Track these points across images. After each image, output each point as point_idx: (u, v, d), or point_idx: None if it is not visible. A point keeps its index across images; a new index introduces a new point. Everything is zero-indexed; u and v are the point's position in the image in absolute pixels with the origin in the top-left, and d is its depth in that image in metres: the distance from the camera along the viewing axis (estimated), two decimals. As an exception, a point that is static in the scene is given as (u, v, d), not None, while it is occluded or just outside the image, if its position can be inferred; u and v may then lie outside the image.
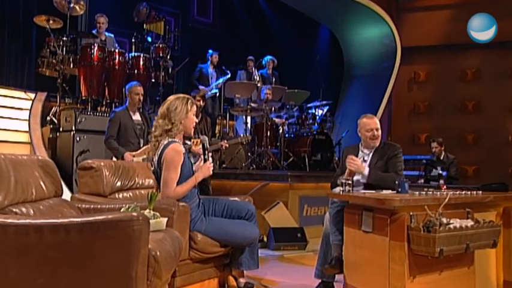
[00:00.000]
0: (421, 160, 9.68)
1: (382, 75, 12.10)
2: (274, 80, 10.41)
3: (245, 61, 10.39)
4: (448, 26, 11.95)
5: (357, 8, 11.34)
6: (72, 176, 7.10)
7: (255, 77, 10.17)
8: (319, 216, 7.55)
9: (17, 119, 8.15)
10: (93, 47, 8.19)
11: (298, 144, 8.64)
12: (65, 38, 8.25)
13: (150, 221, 2.68)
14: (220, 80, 9.84)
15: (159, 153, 3.97)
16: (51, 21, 8.14)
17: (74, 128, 7.37)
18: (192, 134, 4.46)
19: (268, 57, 10.54)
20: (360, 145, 4.56)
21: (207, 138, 4.54)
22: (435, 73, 12.40)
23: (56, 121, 7.87)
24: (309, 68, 11.38)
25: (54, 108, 8.15)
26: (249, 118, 8.96)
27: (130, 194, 4.61)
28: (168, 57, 9.17)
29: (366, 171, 4.25)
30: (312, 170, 8.33)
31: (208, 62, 10.12)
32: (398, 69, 12.27)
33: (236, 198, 4.65)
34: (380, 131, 4.49)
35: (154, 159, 4.06)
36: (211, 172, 4.21)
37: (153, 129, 4.11)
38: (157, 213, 3.28)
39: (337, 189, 4.06)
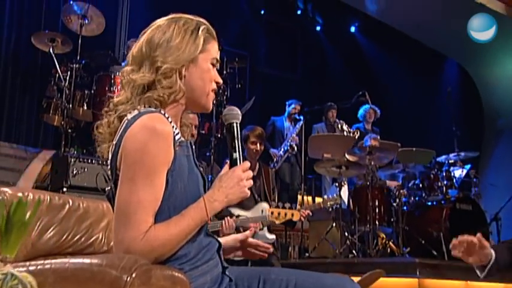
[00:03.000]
0: None
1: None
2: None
3: (324, 111, 7.65)
4: None
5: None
6: None
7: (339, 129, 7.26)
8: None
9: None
10: (113, 76, 5.85)
11: (426, 218, 5.69)
12: (74, 65, 5.80)
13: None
14: (296, 130, 7.23)
15: (114, 143, 1.63)
16: (56, 42, 5.78)
17: (64, 184, 4.83)
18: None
19: (367, 107, 7.63)
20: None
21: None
22: None
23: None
24: (430, 119, 8.42)
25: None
26: (344, 190, 6.00)
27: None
28: (225, 98, 6.55)
29: None
30: (452, 258, 5.11)
31: (285, 115, 7.67)
32: None
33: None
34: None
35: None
36: (247, 192, 1.66)
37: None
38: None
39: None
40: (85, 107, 5.97)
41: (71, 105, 5.71)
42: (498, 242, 5.91)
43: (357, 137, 6.89)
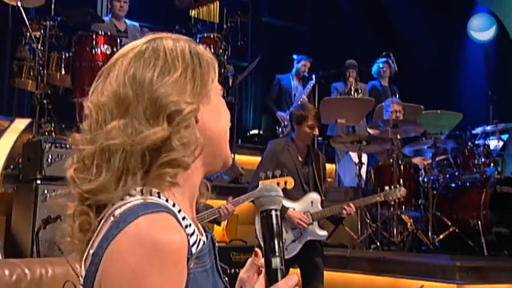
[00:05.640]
0: None
1: None
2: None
3: (342, 68, 6.93)
4: None
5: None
6: None
7: (352, 91, 6.63)
8: None
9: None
10: (96, 37, 5.17)
11: (461, 202, 5.05)
12: (47, 23, 5.10)
13: None
14: (307, 90, 6.62)
15: (92, 252, 0.98)
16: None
17: (38, 175, 4.22)
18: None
19: (381, 60, 6.91)
20: None
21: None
22: None
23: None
24: (457, 75, 7.82)
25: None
26: (364, 157, 5.30)
27: None
28: (226, 58, 5.86)
29: None
30: (493, 254, 4.70)
31: (293, 72, 7.04)
32: None
33: None
34: None
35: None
36: None
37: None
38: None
39: None
40: (63, 72, 5.35)
41: (45, 71, 5.12)
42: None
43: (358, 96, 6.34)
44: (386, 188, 4.26)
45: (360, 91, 6.55)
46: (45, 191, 4.16)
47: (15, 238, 4.36)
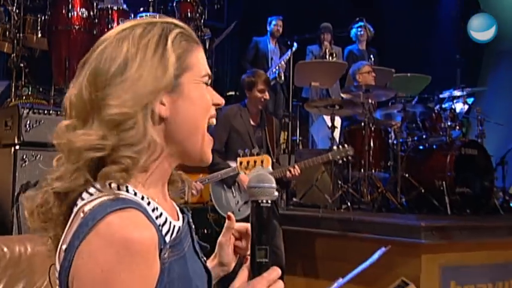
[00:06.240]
0: None
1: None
2: (372, 62, 6.84)
3: (317, 31, 6.95)
4: None
5: None
6: (12, 228, 3.95)
7: (327, 55, 6.69)
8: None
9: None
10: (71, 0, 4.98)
11: (428, 164, 5.14)
12: None
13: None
14: (286, 57, 6.52)
15: (64, 248, 0.98)
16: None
17: (16, 140, 4.16)
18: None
19: (359, 24, 6.99)
20: None
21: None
22: None
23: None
24: (426, 40, 7.86)
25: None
26: (337, 120, 5.39)
27: None
28: (202, 21, 5.86)
29: None
30: (456, 213, 4.80)
31: (268, 34, 7.00)
32: None
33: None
34: None
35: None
36: None
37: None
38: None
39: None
40: (39, 35, 5.28)
41: (21, 34, 5.05)
42: (503, 188, 5.54)
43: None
44: (335, 147, 4.39)
45: (334, 55, 6.64)
46: (24, 156, 4.12)
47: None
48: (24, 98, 4.97)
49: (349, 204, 4.87)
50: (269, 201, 1.10)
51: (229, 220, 1.26)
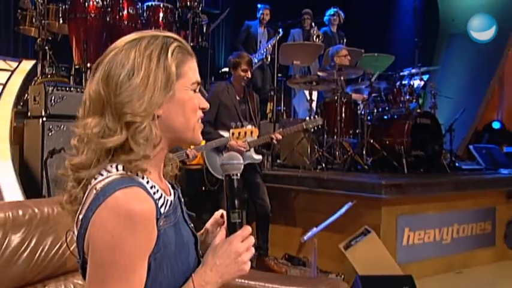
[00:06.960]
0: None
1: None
2: (341, 43, 6.90)
3: (299, 17, 6.96)
4: None
5: None
6: (42, 187, 4.05)
7: (314, 37, 6.72)
8: (428, 244, 4.52)
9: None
10: None
11: (389, 131, 5.21)
12: None
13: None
14: (272, 41, 6.51)
15: (81, 218, 1.05)
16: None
17: (43, 113, 4.20)
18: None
19: (332, 11, 7.02)
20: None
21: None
22: None
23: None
24: (391, 25, 7.77)
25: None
26: (314, 94, 5.47)
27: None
28: (200, 9, 5.84)
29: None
30: (411, 172, 4.94)
31: (258, 20, 6.92)
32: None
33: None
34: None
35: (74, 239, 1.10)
36: (246, 269, 1.13)
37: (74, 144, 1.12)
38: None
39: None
40: (60, 21, 5.27)
41: (45, 20, 5.04)
42: (450, 151, 5.70)
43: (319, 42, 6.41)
44: (307, 118, 4.51)
45: (320, 37, 6.69)
46: (50, 127, 4.16)
47: (28, 164, 4.37)
48: (49, 76, 5.02)
49: (323, 165, 4.98)
50: (238, 175, 1.17)
51: (221, 217, 1.31)
